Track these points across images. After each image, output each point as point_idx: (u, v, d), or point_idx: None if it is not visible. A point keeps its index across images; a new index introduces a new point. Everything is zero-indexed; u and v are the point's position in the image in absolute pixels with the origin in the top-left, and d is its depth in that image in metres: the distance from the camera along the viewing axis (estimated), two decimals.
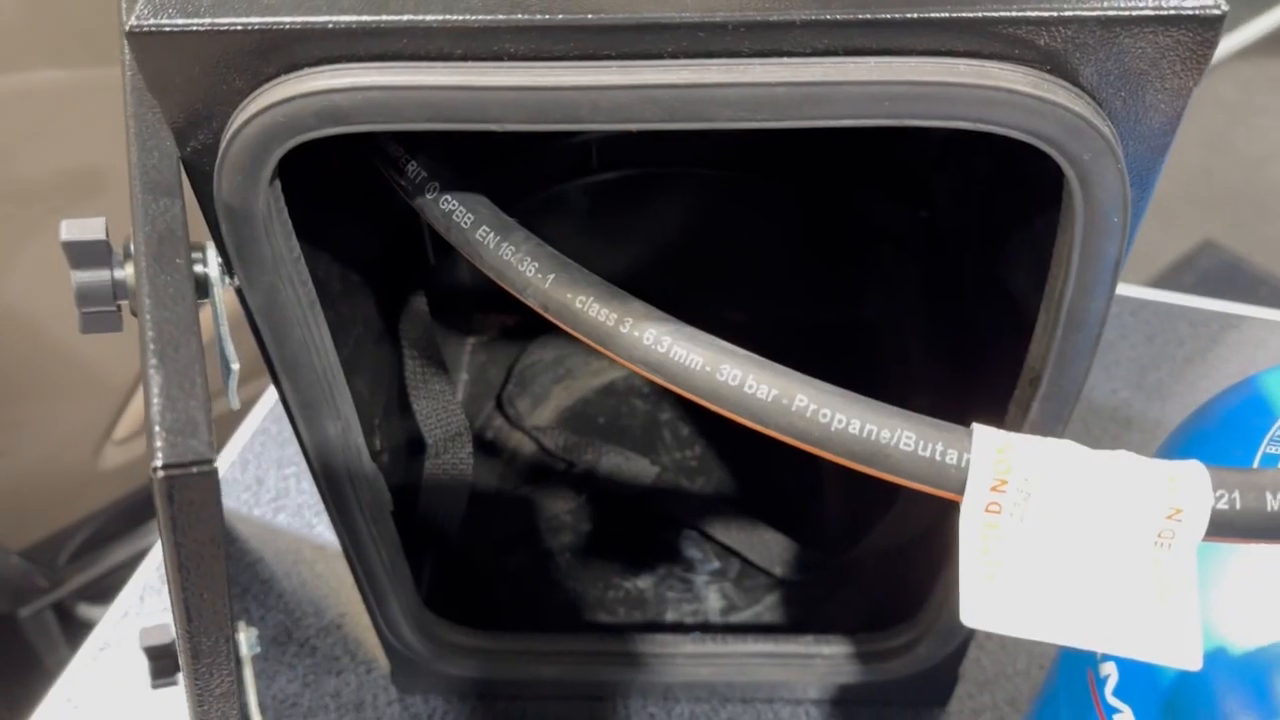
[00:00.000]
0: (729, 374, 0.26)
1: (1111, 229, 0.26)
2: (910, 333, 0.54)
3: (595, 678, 0.47)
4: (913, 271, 0.54)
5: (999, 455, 0.24)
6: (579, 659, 0.47)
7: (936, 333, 0.51)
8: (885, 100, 0.24)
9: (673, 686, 0.48)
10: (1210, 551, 0.28)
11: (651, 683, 0.47)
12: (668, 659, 0.46)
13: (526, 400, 0.59)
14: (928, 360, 0.51)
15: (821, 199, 0.58)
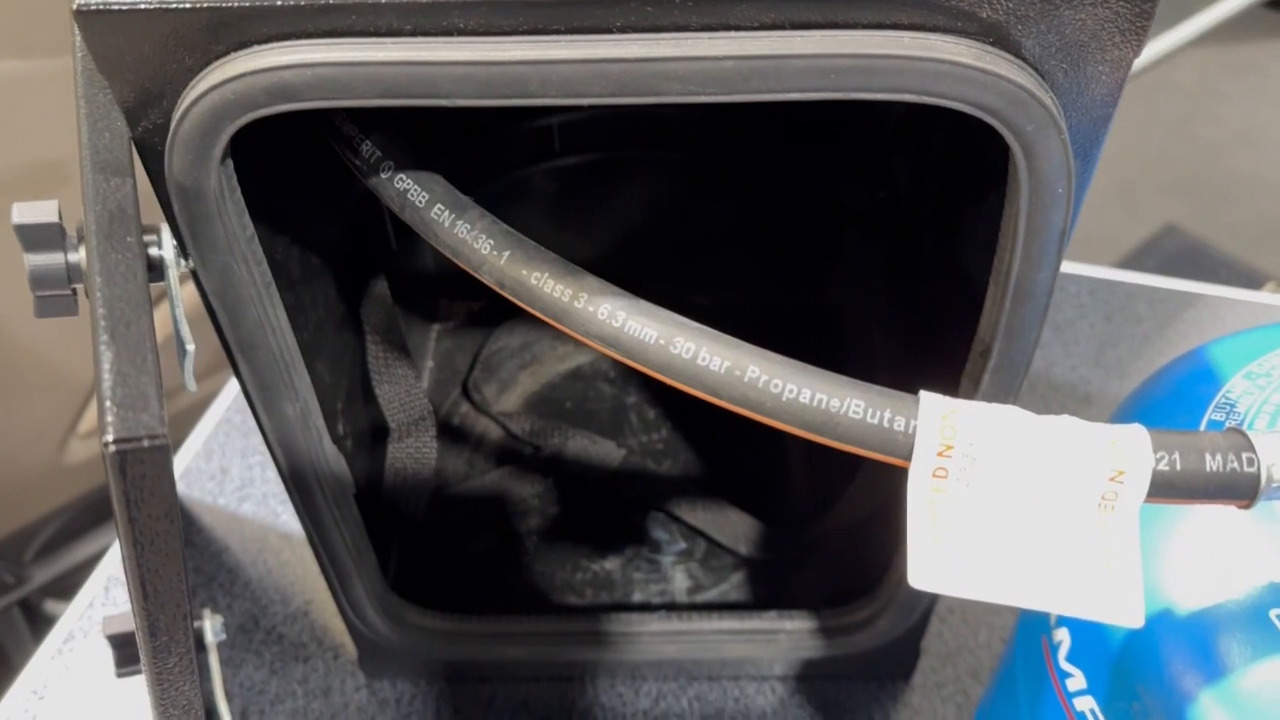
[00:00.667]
0: (682, 347, 0.26)
1: (1056, 199, 0.27)
2: (872, 313, 0.54)
3: (563, 658, 0.48)
4: (874, 252, 0.55)
5: (944, 421, 0.24)
6: (546, 640, 0.47)
7: (897, 312, 0.51)
8: (831, 73, 0.24)
9: (640, 665, 0.48)
10: (1156, 514, 0.29)
11: (619, 662, 0.48)
12: (634, 638, 0.47)
13: (493, 386, 0.59)
14: (889, 340, 0.52)
15: (784, 182, 0.59)
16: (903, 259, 0.51)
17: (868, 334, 0.55)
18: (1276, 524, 0.27)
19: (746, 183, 0.59)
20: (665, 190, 0.60)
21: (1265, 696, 0.26)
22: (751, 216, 0.60)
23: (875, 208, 0.53)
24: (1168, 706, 0.27)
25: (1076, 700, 0.30)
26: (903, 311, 0.50)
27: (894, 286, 0.52)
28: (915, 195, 0.48)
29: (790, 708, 0.48)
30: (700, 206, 0.60)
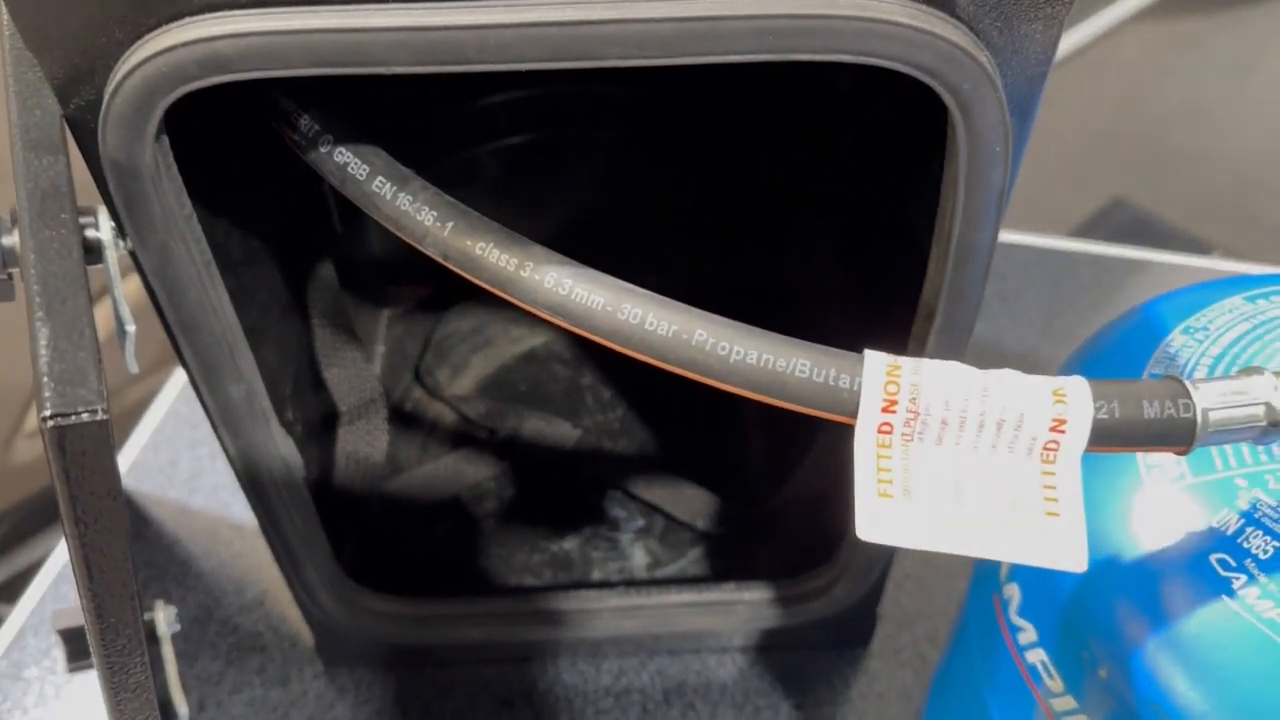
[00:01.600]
0: (630, 313, 0.26)
1: (994, 158, 0.27)
2: (826, 285, 0.55)
3: (523, 638, 0.48)
4: (824, 225, 0.55)
5: (888, 377, 0.24)
6: (505, 621, 0.47)
7: (850, 283, 0.52)
8: (769, 34, 0.24)
9: (600, 642, 0.48)
10: (1099, 464, 0.29)
11: (579, 640, 0.48)
12: (594, 615, 0.47)
13: (445, 370, 0.58)
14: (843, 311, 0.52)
15: (734, 157, 0.59)
16: (853, 230, 0.51)
17: (822, 306, 0.55)
18: (1215, 471, 0.28)
19: (697, 159, 0.59)
20: (616, 168, 0.60)
21: (1209, 641, 0.26)
22: (703, 193, 0.60)
23: (824, 180, 0.54)
24: (1115, 654, 0.28)
25: (1028, 653, 0.31)
26: (855, 282, 0.50)
27: (845, 257, 0.52)
28: (862, 165, 0.48)
29: (751, 678, 0.48)
30: (652, 184, 0.60)
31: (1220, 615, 0.26)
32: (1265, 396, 0.24)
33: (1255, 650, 0.26)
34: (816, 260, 0.55)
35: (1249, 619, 0.26)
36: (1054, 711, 0.30)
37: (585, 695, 0.48)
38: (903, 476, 0.24)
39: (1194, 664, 0.26)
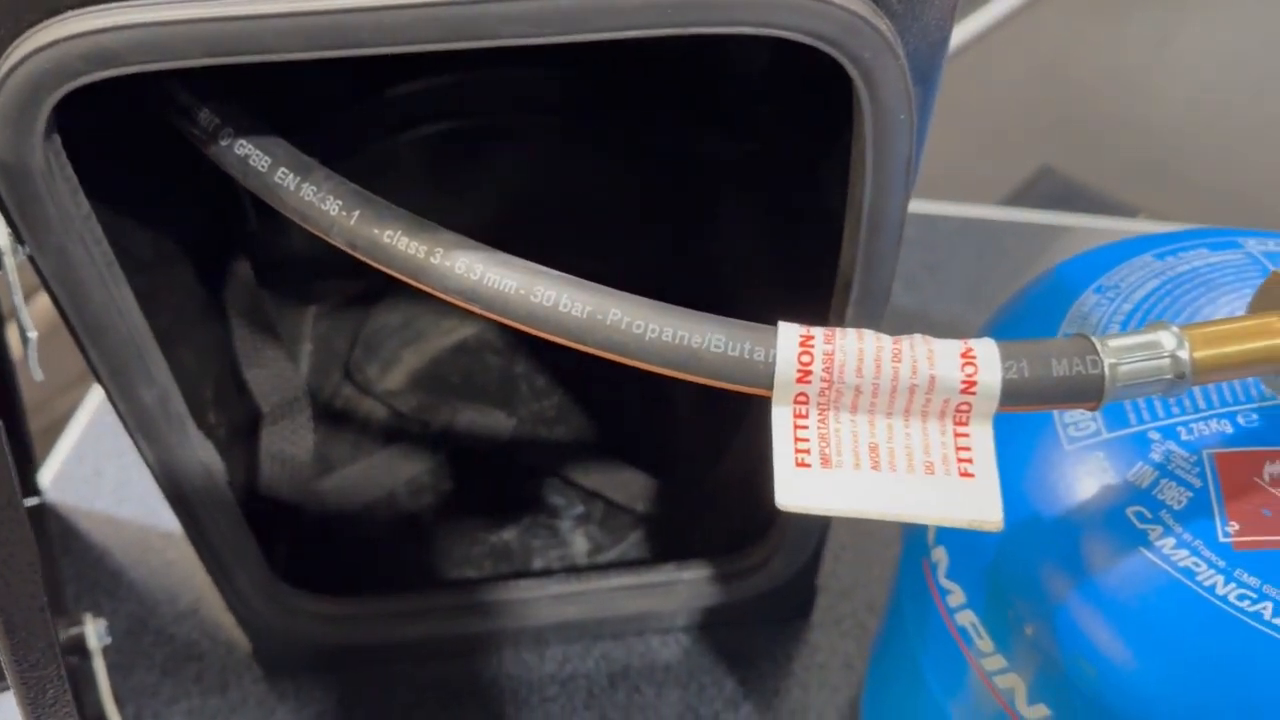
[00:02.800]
0: (543, 295, 0.26)
1: (899, 126, 0.27)
2: (755, 262, 0.55)
3: (465, 631, 0.47)
4: (748, 203, 0.55)
5: (801, 348, 0.24)
6: (446, 615, 0.47)
7: (778, 260, 0.52)
8: (668, 8, 0.24)
9: (543, 630, 0.48)
10: (1014, 424, 0.30)
11: (522, 629, 0.48)
12: (535, 603, 0.47)
13: (375, 365, 0.58)
14: (770, 289, 0.52)
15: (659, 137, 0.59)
16: (777, 205, 0.51)
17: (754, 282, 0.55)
18: (1128, 425, 0.28)
19: (621, 142, 0.59)
20: (541, 154, 0.59)
21: (1128, 593, 0.27)
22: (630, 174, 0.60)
23: (748, 156, 0.54)
24: (1040, 612, 0.28)
25: (958, 615, 0.31)
26: (782, 257, 0.51)
27: (772, 233, 0.52)
28: (782, 140, 0.48)
29: (694, 656, 0.48)
30: (578, 167, 0.60)
31: (1138, 567, 0.27)
32: (1171, 349, 0.24)
33: (1174, 599, 0.26)
34: (745, 237, 0.55)
35: (1166, 569, 0.26)
36: (986, 671, 0.31)
37: (530, 684, 0.48)
38: (819, 445, 0.24)
39: (1116, 616, 0.27)
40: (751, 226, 0.54)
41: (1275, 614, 0.25)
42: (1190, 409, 0.28)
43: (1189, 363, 0.24)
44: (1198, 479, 0.27)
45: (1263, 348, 0.24)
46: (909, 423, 0.25)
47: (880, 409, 0.25)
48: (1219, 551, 0.26)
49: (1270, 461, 0.27)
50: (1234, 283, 0.31)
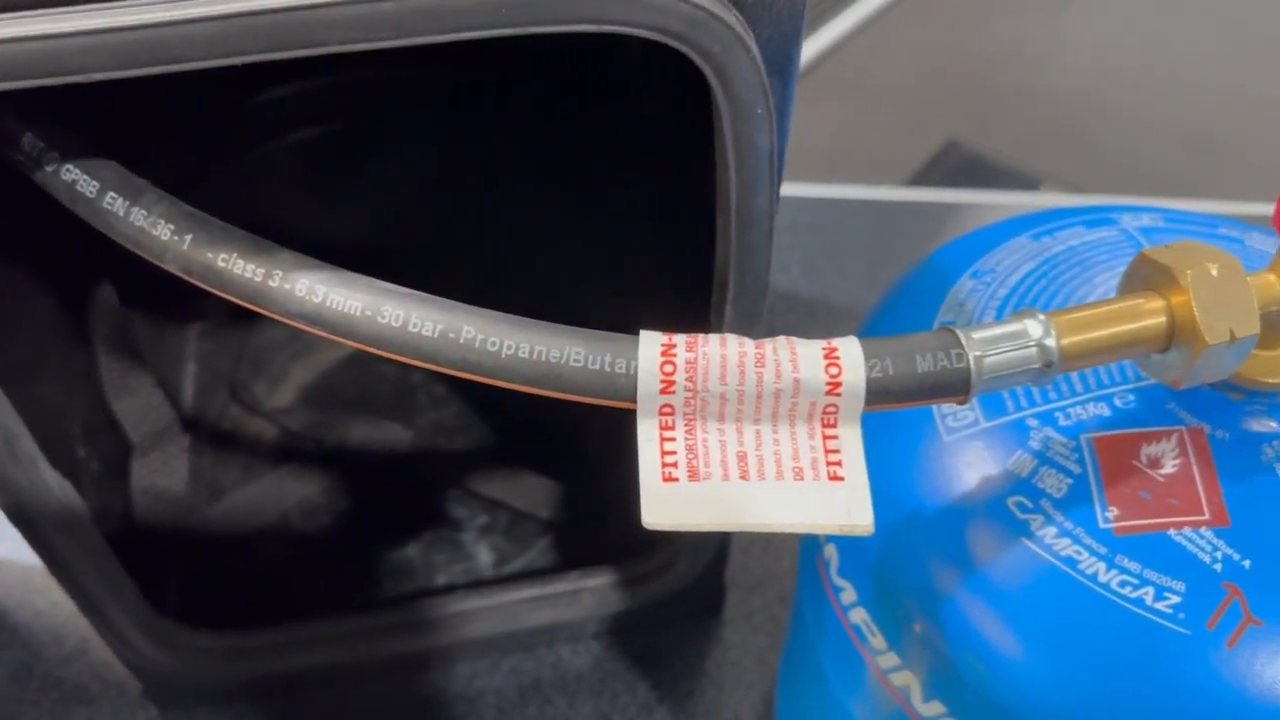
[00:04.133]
0: (391, 315, 0.24)
1: (757, 121, 0.27)
2: (646, 263, 0.54)
3: (368, 656, 0.46)
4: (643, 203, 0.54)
5: (663, 357, 0.23)
6: (347, 640, 0.45)
7: (665, 261, 0.51)
8: (502, 8, 0.23)
9: (448, 649, 0.47)
10: (896, 419, 0.29)
11: (425, 650, 0.46)
12: (439, 621, 0.45)
13: (263, 383, 0.56)
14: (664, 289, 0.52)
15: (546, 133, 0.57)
16: (662, 204, 0.50)
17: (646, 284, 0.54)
18: (1006, 414, 0.28)
19: (505, 141, 0.57)
20: (426, 155, 0.58)
21: (1012, 585, 0.26)
22: (519, 173, 0.59)
23: (635, 155, 0.53)
24: (927, 608, 0.27)
25: (851, 613, 0.31)
26: (669, 258, 0.50)
27: (659, 233, 0.52)
28: (661, 137, 0.47)
29: (606, 663, 0.47)
30: (464, 169, 0.58)
31: (1021, 558, 0.26)
32: (1038, 338, 0.24)
33: (1057, 589, 0.26)
34: (635, 237, 0.54)
35: (1048, 559, 0.26)
36: (881, 669, 0.30)
37: (437, 705, 0.46)
38: (687, 457, 0.24)
39: (1001, 610, 0.26)
40: (645, 225, 0.53)
41: (1157, 599, 0.25)
42: (1068, 393, 0.28)
43: (1056, 350, 0.24)
44: (1077, 465, 0.27)
45: (1130, 331, 0.24)
46: (777, 428, 0.24)
47: (748, 416, 0.24)
48: (1100, 538, 0.26)
49: (1148, 443, 0.27)
50: (1109, 260, 0.31)
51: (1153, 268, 0.25)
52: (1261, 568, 0.25)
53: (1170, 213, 0.33)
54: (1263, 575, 0.25)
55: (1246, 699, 0.24)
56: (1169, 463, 0.26)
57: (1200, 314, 0.24)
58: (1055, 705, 0.26)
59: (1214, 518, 0.26)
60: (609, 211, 0.56)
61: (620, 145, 0.54)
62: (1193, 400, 0.27)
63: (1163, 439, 0.27)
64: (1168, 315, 0.24)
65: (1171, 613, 0.25)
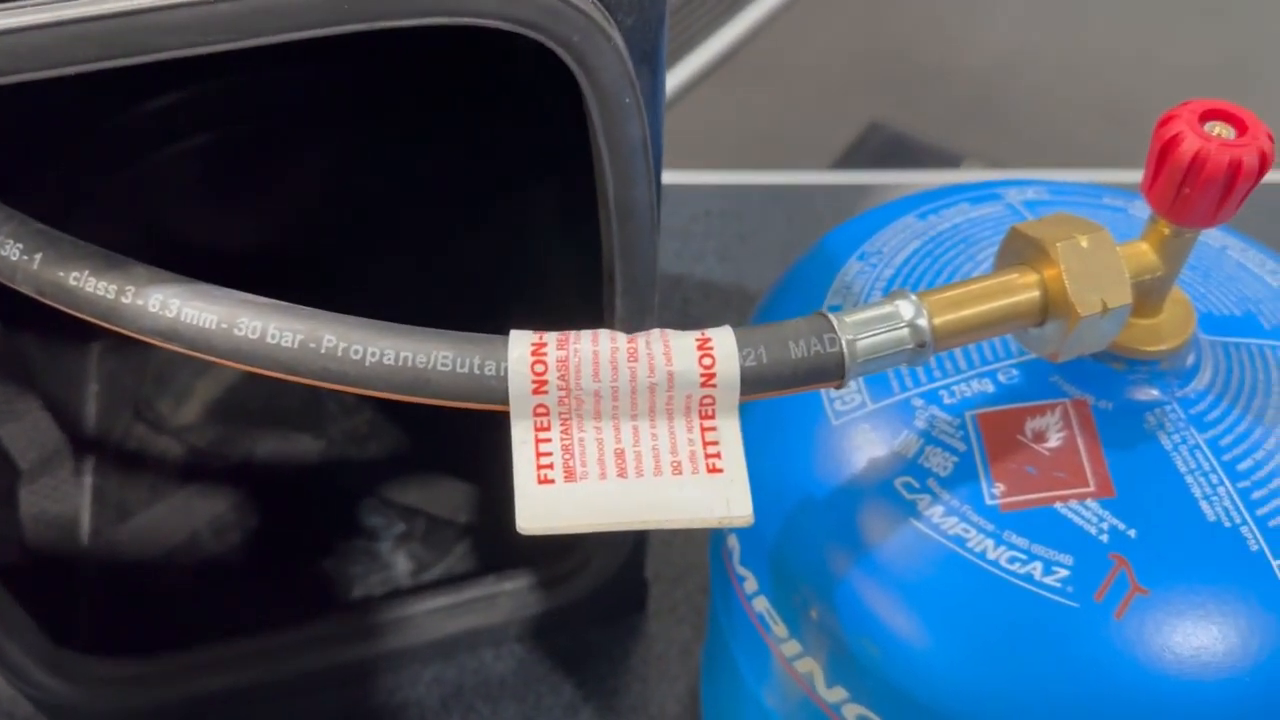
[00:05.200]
0: (248, 327, 0.23)
1: (626, 111, 0.26)
2: (557, 259, 0.53)
3: (283, 675, 0.45)
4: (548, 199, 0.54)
5: (534, 357, 0.23)
6: (263, 659, 0.44)
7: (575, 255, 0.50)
8: (344, 3, 0.22)
9: (368, 662, 0.46)
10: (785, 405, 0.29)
11: (345, 663, 0.45)
12: (357, 635, 0.44)
13: (168, 400, 0.54)
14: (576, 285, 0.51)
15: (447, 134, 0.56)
16: (571, 201, 0.50)
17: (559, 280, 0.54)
18: (892, 394, 0.28)
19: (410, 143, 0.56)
20: (328, 160, 0.57)
21: (902, 566, 0.26)
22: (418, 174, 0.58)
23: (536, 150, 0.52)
24: (821, 593, 0.27)
25: (754, 602, 0.31)
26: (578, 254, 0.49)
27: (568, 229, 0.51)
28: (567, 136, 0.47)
29: (530, 666, 0.47)
30: (370, 172, 0.57)
31: (910, 539, 0.26)
32: (910, 318, 0.24)
33: (947, 569, 0.26)
34: (544, 235, 0.53)
35: (937, 538, 0.26)
36: (785, 657, 0.30)
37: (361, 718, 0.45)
38: (563, 458, 0.23)
39: (894, 593, 0.26)
40: (554, 224, 0.52)
41: (1045, 573, 0.25)
42: (953, 371, 0.28)
43: (929, 330, 0.24)
44: (962, 443, 0.27)
45: (1002, 307, 0.24)
46: (655, 423, 0.23)
47: (624, 412, 0.23)
48: (987, 515, 0.26)
49: (1032, 417, 0.27)
50: (993, 236, 0.31)
51: (1024, 242, 0.25)
52: (1147, 536, 0.25)
53: (1055, 185, 0.33)
54: (1148, 544, 0.25)
55: (1137, 667, 0.25)
56: (1053, 436, 0.26)
57: (1071, 286, 0.24)
58: (952, 685, 0.26)
59: (1099, 489, 0.26)
60: (520, 210, 0.55)
61: (526, 143, 0.53)
62: (1076, 372, 0.27)
63: (1046, 412, 0.27)
64: (1040, 289, 0.24)
65: (1060, 586, 0.25)
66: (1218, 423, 0.27)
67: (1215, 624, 0.25)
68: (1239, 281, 0.31)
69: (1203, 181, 0.23)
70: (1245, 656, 0.25)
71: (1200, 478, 0.26)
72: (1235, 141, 0.23)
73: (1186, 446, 0.26)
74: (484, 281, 0.55)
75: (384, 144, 0.56)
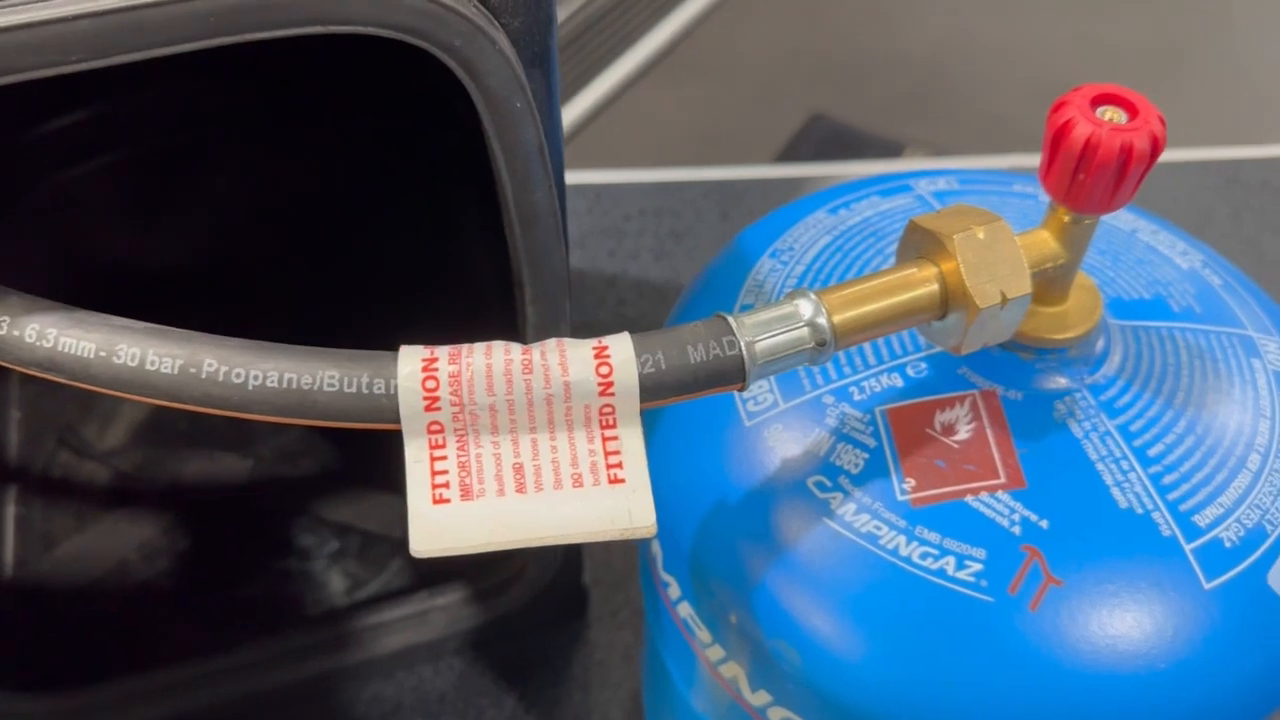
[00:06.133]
0: (127, 355, 0.23)
1: (518, 115, 0.25)
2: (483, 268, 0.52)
3: (217, 701, 0.44)
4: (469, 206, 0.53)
5: (425, 373, 0.22)
6: (195, 687, 0.43)
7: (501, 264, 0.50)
8: (209, 17, 0.22)
9: (303, 684, 0.45)
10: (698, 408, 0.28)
11: (278, 688, 0.44)
12: (289, 658, 0.44)
13: (92, 425, 0.53)
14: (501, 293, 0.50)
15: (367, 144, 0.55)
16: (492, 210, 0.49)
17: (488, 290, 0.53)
18: (803, 393, 0.28)
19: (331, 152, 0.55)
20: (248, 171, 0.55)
21: (817, 566, 0.26)
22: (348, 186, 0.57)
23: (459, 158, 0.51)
24: (738, 597, 0.27)
25: (679, 608, 0.30)
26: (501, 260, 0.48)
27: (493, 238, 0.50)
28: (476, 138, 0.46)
29: (470, 680, 0.46)
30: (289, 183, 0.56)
31: (823, 538, 0.26)
32: (809, 317, 0.23)
33: (860, 567, 0.25)
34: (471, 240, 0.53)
35: (850, 537, 0.26)
36: (711, 662, 0.29)
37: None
38: (459, 475, 0.22)
39: (809, 592, 0.26)
40: (471, 227, 0.52)
41: (958, 568, 0.25)
42: (863, 366, 0.28)
43: (829, 328, 0.23)
44: (872, 439, 0.26)
45: (902, 302, 0.24)
46: (555, 435, 0.23)
47: (522, 426, 0.23)
48: (898, 511, 0.26)
49: (941, 410, 0.27)
50: (902, 229, 0.31)
51: (923, 235, 0.24)
52: (1059, 527, 0.25)
53: (965, 173, 0.33)
54: (1061, 534, 0.25)
55: (1054, 659, 0.24)
56: (963, 428, 0.26)
57: (969, 278, 0.23)
58: (871, 685, 0.25)
59: (1010, 480, 0.26)
60: (443, 217, 0.54)
61: (445, 148, 0.52)
62: (984, 363, 0.27)
63: (955, 404, 0.27)
64: (939, 282, 0.24)
65: (974, 580, 0.25)
66: (1128, 408, 0.27)
67: (1130, 612, 0.25)
68: (1149, 264, 0.31)
69: (1095, 167, 0.23)
70: (1160, 643, 0.25)
71: (1111, 464, 0.26)
72: (1127, 126, 0.23)
73: (1097, 434, 0.26)
74: (410, 290, 0.54)
75: (302, 154, 0.55)
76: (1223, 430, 0.27)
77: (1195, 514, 0.25)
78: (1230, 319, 0.29)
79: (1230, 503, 0.26)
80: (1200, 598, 0.25)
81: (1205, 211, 0.65)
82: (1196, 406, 0.27)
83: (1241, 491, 0.26)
